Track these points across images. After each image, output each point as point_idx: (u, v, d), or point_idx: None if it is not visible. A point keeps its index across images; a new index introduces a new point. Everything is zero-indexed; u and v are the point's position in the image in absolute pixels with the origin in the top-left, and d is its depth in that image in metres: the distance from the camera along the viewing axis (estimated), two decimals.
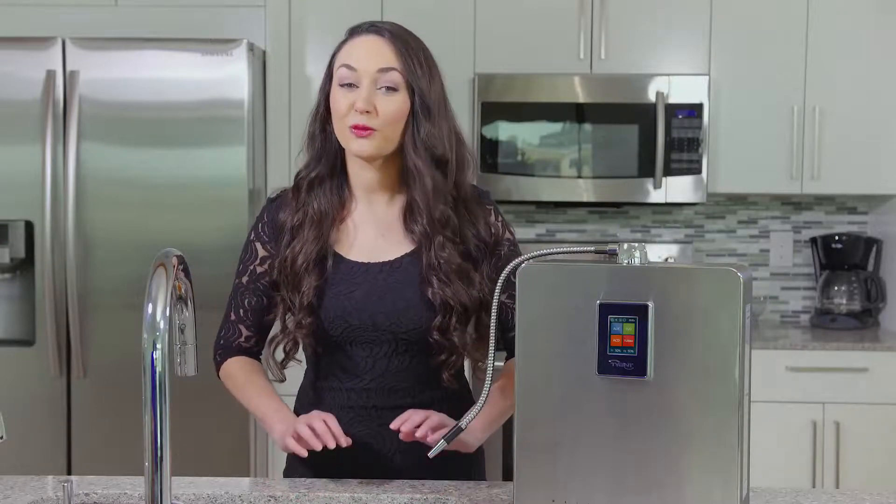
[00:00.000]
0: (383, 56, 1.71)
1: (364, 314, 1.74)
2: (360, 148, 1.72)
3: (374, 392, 1.77)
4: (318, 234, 1.76)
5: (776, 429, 3.52)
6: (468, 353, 1.76)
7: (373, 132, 1.70)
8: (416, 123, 1.73)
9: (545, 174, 3.76)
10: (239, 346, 1.85)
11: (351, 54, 1.73)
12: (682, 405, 1.37)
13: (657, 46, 3.78)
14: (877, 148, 3.78)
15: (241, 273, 1.86)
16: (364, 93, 1.70)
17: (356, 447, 1.73)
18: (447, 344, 1.73)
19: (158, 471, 1.25)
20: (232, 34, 3.46)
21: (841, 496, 1.60)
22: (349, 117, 1.70)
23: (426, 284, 1.73)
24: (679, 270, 1.39)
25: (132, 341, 2.20)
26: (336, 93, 1.73)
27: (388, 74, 1.71)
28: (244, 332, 1.84)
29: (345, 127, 1.72)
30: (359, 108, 1.69)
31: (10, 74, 3.35)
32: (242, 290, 1.85)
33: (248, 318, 1.84)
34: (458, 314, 1.73)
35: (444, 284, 1.72)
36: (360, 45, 1.73)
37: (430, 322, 1.73)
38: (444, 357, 1.75)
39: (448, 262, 1.73)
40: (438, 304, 1.72)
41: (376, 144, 1.72)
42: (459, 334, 1.73)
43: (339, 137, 1.75)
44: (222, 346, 1.87)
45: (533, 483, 1.44)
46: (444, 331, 1.73)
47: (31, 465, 3.07)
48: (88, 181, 3.33)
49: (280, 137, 3.69)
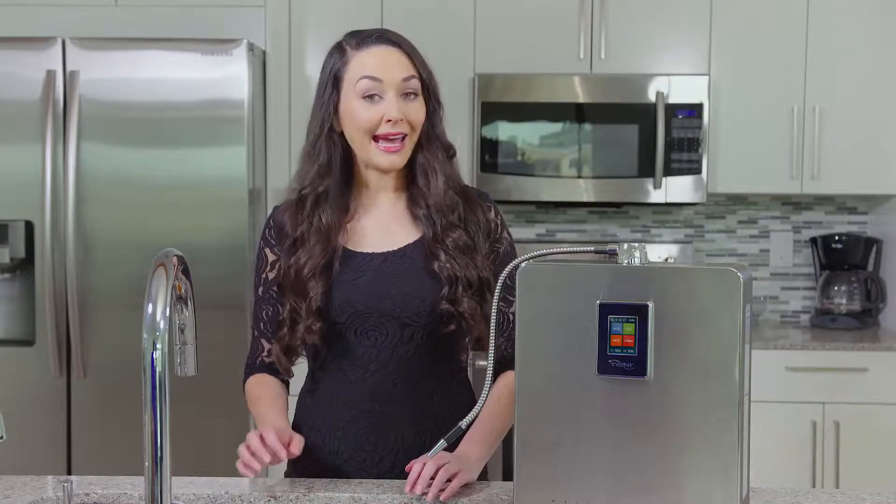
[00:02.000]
0: (403, 65, 1.74)
1: (370, 300, 1.74)
2: (392, 163, 1.75)
3: (377, 384, 1.76)
4: (325, 246, 1.77)
5: (776, 429, 3.52)
6: (477, 324, 1.75)
7: (403, 145, 1.74)
8: (432, 122, 1.79)
9: (545, 174, 3.76)
10: (262, 363, 1.85)
11: (369, 66, 1.73)
12: (682, 405, 1.37)
13: (657, 46, 3.78)
14: (877, 148, 3.78)
15: (257, 285, 1.86)
16: (394, 102, 1.72)
17: (358, 447, 1.73)
18: (456, 313, 1.73)
19: (158, 471, 1.25)
20: (232, 34, 3.46)
21: (841, 496, 1.60)
22: (381, 128, 1.72)
23: (432, 258, 1.75)
24: (679, 270, 1.39)
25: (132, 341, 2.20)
26: (357, 106, 1.73)
27: (409, 82, 1.74)
28: (266, 346, 1.84)
29: (370, 142, 1.73)
30: (394, 118, 1.71)
31: (10, 74, 3.35)
32: (260, 303, 1.85)
33: (268, 331, 1.84)
34: (464, 285, 1.74)
35: (451, 258, 1.74)
36: (377, 56, 1.74)
37: (438, 295, 1.73)
38: (453, 327, 1.74)
39: (455, 239, 1.76)
40: (445, 276, 1.73)
41: (406, 154, 1.76)
42: (468, 302, 1.74)
43: (360, 152, 1.76)
44: (248, 364, 1.88)
45: (533, 483, 1.44)
46: (453, 300, 1.73)
47: (31, 465, 3.07)
48: (88, 181, 3.33)
49: (280, 137, 3.69)
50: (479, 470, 1.71)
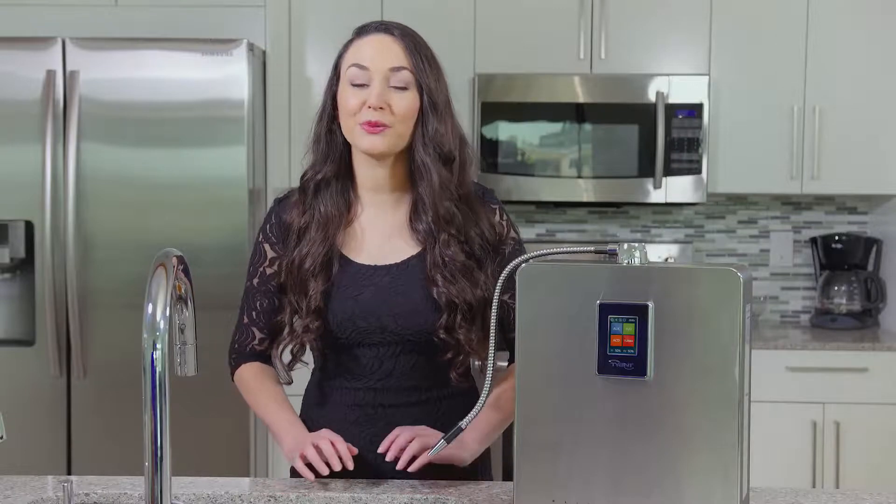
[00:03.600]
0: (394, 54, 1.72)
1: (371, 317, 1.74)
2: (372, 144, 1.71)
3: (381, 391, 1.78)
4: (324, 237, 1.77)
5: (776, 429, 3.52)
6: (474, 350, 1.75)
7: (386, 129, 1.71)
8: (424, 121, 1.74)
9: (545, 174, 3.76)
10: (253, 350, 1.86)
11: (361, 53, 1.73)
12: (682, 405, 1.37)
13: (657, 46, 3.78)
14: (877, 148, 3.78)
15: (252, 275, 1.86)
16: (377, 90, 1.70)
17: (362, 447, 1.73)
18: (453, 342, 1.73)
19: (158, 471, 1.25)
20: (232, 34, 3.46)
21: (841, 496, 1.60)
22: (361, 114, 1.70)
23: (431, 283, 1.73)
24: (679, 270, 1.39)
25: (132, 341, 2.20)
26: (346, 92, 1.73)
27: (399, 73, 1.71)
28: (257, 335, 1.85)
29: (355, 125, 1.72)
30: (372, 105, 1.69)
31: (10, 74, 3.35)
32: (254, 293, 1.85)
33: (260, 321, 1.84)
34: (464, 312, 1.73)
35: (448, 283, 1.72)
36: (370, 44, 1.73)
37: (436, 322, 1.73)
38: (450, 356, 1.75)
39: (453, 259, 1.74)
40: (444, 302, 1.72)
41: (389, 141, 1.72)
42: (465, 332, 1.73)
43: (348, 136, 1.75)
44: (236, 350, 1.87)
45: (533, 483, 1.44)
46: (450, 329, 1.73)
47: (31, 465, 3.08)
48: (88, 181, 3.33)
49: (280, 137, 3.69)
50: (475, 451, 1.73)
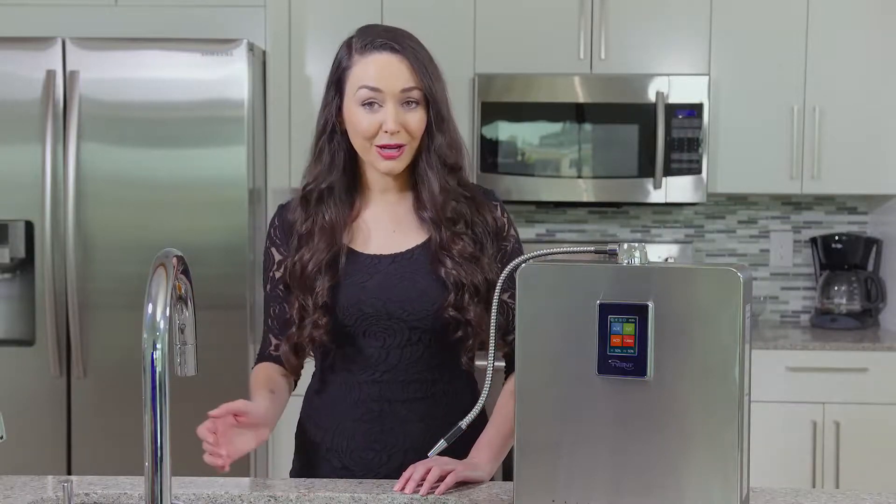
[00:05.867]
0: (404, 75, 1.73)
1: (378, 302, 1.75)
2: (391, 168, 1.75)
3: (385, 385, 1.78)
4: (329, 243, 1.78)
5: (776, 429, 3.52)
6: (484, 330, 1.75)
7: (403, 149, 1.74)
8: (430, 134, 1.77)
9: (545, 174, 3.76)
10: (269, 356, 1.88)
11: (369, 74, 1.73)
12: (682, 405, 1.37)
13: (657, 46, 3.78)
14: (877, 148, 3.78)
15: (265, 283, 1.88)
16: (392, 113, 1.71)
17: (366, 446, 1.74)
18: (462, 320, 1.74)
19: (158, 471, 1.25)
20: (232, 34, 3.46)
21: (841, 496, 1.60)
22: (378, 138, 1.73)
23: (438, 264, 1.75)
24: (679, 270, 1.39)
25: (132, 341, 2.20)
26: (357, 112, 1.74)
27: (410, 93, 1.73)
28: (273, 341, 1.87)
29: (371, 147, 1.74)
30: (390, 130, 1.71)
31: (10, 74, 3.35)
32: (268, 300, 1.87)
33: (275, 327, 1.86)
34: (471, 293, 1.75)
35: (456, 265, 1.75)
36: (378, 64, 1.73)
37: (445, 301, 1.74)
38: (460, 334, 1.75)
39: (461, 251, 1.76)
40: (451, 282, 1.74)
41: (405, 160, 1.76)
42: (474, 310, 1.74)
43: (363, 155, 1.77)
44: (258, 355, 1.91)
45: (533, 483, 1.44)
46: (459, 307, 1.74)
47: (31, 465, 3.07)
48: (88, 181, 3.33)
49: (280, 137, 3.69)
50: (490, 471, 1.72)
